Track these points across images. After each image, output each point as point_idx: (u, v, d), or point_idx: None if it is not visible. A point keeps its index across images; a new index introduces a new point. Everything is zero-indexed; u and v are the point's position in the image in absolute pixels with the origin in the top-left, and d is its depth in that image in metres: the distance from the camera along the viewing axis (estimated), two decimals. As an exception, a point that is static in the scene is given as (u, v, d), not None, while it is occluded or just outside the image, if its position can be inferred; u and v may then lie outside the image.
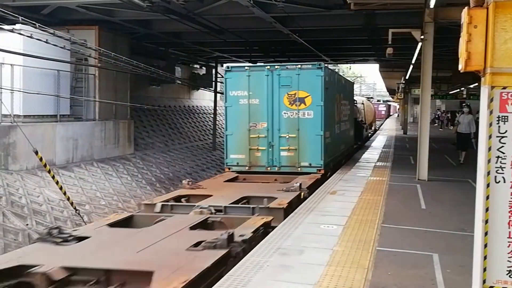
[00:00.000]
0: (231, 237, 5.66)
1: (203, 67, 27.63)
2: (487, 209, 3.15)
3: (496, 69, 3.07)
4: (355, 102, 19.78)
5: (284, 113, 11.23)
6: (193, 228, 6.63)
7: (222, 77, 27.17)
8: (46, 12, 14.37)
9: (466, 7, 3.09)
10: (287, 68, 11.47)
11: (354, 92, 21.42)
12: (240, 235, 5.91)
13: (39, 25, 10.77)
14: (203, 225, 6.98)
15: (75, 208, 10.82)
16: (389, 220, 7.27)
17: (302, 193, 9.04)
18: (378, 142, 23.34)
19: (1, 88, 11.22)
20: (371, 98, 49.53)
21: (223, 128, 22.13)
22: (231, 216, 7.54)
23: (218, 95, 25.29)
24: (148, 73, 15.60)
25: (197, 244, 5.69)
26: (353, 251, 5.70)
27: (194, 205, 7.87)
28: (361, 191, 9.68)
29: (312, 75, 11.18)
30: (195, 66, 27.43)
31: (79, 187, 12.77)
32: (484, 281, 3.18)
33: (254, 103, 11.30)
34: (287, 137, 11.21)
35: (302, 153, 11.21)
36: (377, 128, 36.72)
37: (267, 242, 6.04)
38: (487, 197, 3.14)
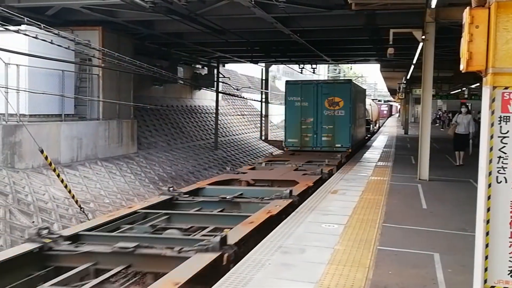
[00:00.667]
0: (322, 170, 11.62)
1: (205, 67, 27.66)
2: (488, 209, 3.17)
3: (497, 69, 3.08)
4: None
5: (325, 111, 16.29)
6: (294, 170, 12.23)
7: (224, 77, 27.53)
8: (51, 13, 14.43)
9: (467, 7, 3.11)
10: (327, 82, 19.00)
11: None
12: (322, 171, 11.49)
13: (44, 26, 10.83)
14: (296, 170, 12.35)
15: (79, 206, 10.90)
16: (390, 220, 7.31)
17: (342, 160, 14.33)
18: (379, 142, 23.33)
19: (7, 88, 11.28)
20: (375, 99, 54.97)
21: (225, 127, 25.79)
22: (309, 166, 13.03)
23: (221, 95, 25.34)
24: (151, 73, 15.64)
25: (304, 174, 11.28)
26: (354, 250, 5.74)
27: (284, 163, 13.67)
28: (362, 190, 9.72)
29: (344, 87, 16.57)
30: (197, 66, 27.47)
31: (83, 185, 12.83)
32: (485, 281, 3.20)
33: (304, 105, 16.43)
34: (327, 127, 16.32)
35: (336, 138, 16.32)
36: (380, 125, 42.13)
37: (269, 241, 6.09)
38: (489, 197, 3.16)
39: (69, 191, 10.93)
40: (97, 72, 15.25)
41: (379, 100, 65.73)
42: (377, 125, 39.04)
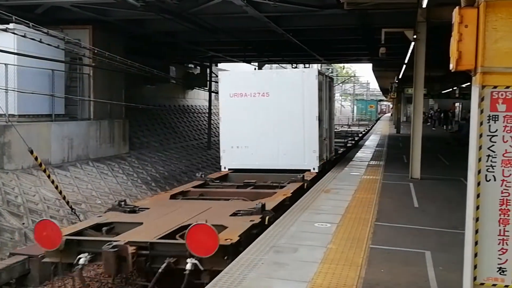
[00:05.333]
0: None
1: (198, 67, 27.60)
2: (477, 207, 3.20)
3: (486, 69, 3.11)
4: None
5: (368, 109, 66.72)
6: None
7: (216, 76, 27.47)
8: (40, 11, 14.29)
9: (457, 7, 3.13)
10: (370, 99, 72.23)
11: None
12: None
13: (32, 25, 10.74)
14: None
15: (71, 207, 10.81)
16: (382, 218, 7.35)
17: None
18: (372, 141, 23.43)
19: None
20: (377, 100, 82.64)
21: (218, 127, 27.69)
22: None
23: (213, 94, 25.31)
24: (143, 72, 15.57)
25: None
26: (347, 248, 5.75)
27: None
28: (355, 189, 9.75)
29: (374, 102, 71.20)
30: (190, 65, 27.40)
31: (74, 186, 12.75)
32: (475, 278, 3.23)
33: (362, 107, 68.32)
34: (368, 113, 65.25)
35: (371, 117, 63.44)
36: (379, 117, 69.52)
37: (262, 240, 6.09)
38: (478, 195, 3.19)
39: (60, 192, 10.85)
40: (88, 71, 15.15)
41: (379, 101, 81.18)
42: (380, 115, 73.94)
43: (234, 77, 12.23)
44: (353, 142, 22.13)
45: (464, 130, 20.19)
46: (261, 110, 11.30)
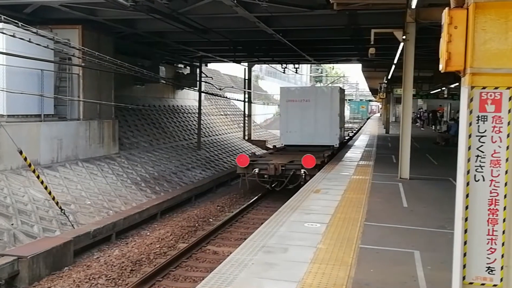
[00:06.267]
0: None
1: (187, 67, 27.51)
2: (466, 207, 3.23)
3: (476, 69, 3.13)
4: None
5: (360, 109, 77.98)
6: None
7: (206, 76, 27.44)
8: (29, 11, 14.13)
9: (446, 8, 3.16)
10: (361, 100, 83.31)
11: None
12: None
13: (21, 24, 10.61)
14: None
15: (60, 208, 10.72)
16: (371, 218, 7.39)
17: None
18: (361, 142, 23.55)
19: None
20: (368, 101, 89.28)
21: (208, 127, 27.03)
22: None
23: (203, 95, 25.23)
24: (132, 72, 15.47)
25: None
26: (337, 248, 5.78)
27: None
28: (344, 189, 9.80)
29: (365, 102, 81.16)
30: (179, 65, 27.30)
31: (64, 186, 12.63)
32: (464, 278, 3.25)
33: (355, 107, 78.74)
34: (360, 113, 76.73)
35: (362, 116, 74.65)
36: (370, 116, 75.84)
37: (252, 241, 6.09)
38: (467, 195, 3.21)
39: (49, 193, 10.74)
40: (78, 71, 15.02)
41: (361, 100, 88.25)
42: (371, 114, 79.63)
43: (289, 90, 20.19)
44: (353, 133, 34.03)
45: (452, 130, 20.38)
46: (305, 110, 18.21)
